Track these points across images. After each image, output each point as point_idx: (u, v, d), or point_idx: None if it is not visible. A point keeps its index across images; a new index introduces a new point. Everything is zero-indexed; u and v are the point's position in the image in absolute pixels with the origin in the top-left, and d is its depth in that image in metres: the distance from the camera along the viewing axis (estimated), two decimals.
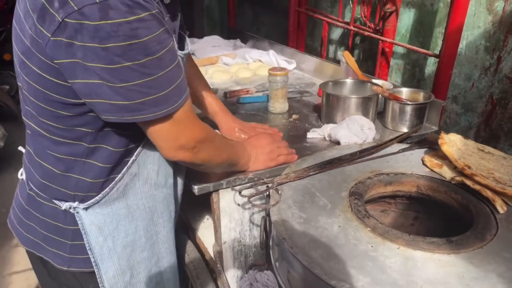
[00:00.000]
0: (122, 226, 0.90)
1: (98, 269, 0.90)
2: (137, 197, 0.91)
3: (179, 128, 0.81)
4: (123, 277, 0.93)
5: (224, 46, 2.47)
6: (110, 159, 0.84)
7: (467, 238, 0.80)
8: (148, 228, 0.95)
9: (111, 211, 0.88)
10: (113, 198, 0.88)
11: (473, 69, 1.61)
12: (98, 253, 0.88)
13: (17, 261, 2.37)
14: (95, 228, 0.87)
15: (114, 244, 0.90)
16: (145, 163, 0.90)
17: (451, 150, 1.01)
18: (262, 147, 1.09)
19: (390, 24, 1.83)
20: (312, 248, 0.78)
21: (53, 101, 0.77)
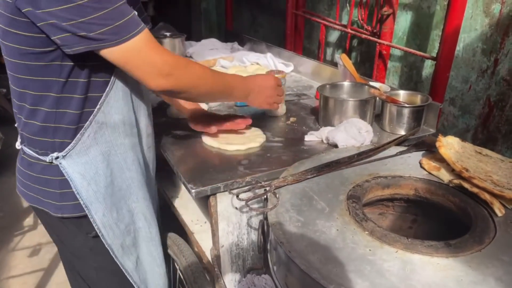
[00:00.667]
0: (100, 171, 1.02)
1: (89, 211, 1.01)
2: (108, 145, 1.03)
3: (147, 54, 0.92)
4: (111, 214, 1.05)
5: (222, 49, 2.47)
6: (76, 106, 0.96)
7: (465, 242, 0.79)
8: (123, 171, 1.07)
9: (88, 159, 1.00)
10: (87, 145, 0.99)
11: (470, 72, 1.61)
12: (85, 196, 1.00)
13: (14, 265, 2.36)
14: (78, 175, 0.99)
15: (97, 187, 1.02)
16: (110, 113, 1.01)
17: (449, 152, 1.01)
18: (265, 88, 1.21)
19: (387, 26, 1.83)
20: (310, 252, 0.77)
21: (25, 54, 0.90)
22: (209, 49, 2.41)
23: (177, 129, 1.40)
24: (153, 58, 0.92)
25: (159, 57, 0.93)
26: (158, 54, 0.93)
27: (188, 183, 1.04)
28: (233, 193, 0.99)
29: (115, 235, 1.07)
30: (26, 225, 2.68)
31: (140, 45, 0.90)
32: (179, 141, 1.32)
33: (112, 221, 1.06)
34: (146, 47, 0.91)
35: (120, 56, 0.89)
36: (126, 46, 0.88)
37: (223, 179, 1.06)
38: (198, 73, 1.03)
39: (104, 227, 1.05)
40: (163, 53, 0.94)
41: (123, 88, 1.03)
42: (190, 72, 1.00)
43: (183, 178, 1.08)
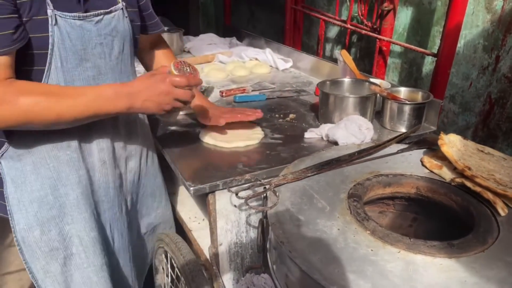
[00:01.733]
0: (28, 182, 0.97)
1: (11, 218, 0.98)
2: (41, 155, 0.97)
3: None
4: (32, 232, 0.98)
5: (220, 44, 2.44)
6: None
7: (468, 242, 0.78)
8: (56, 187, 1.00)
9: (20, 165, 0.96)
10: (20, 152, 0.96)
11: (471, 69, 1.60)
12: (11, 202, 0.97)
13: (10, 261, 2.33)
14: (9, 179, 0.96)
15: (22, 197, 0.97)
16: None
17: (451, 151, 1.00)
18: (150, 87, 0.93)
19: (387, 22, 1.81)
20: (311, 252, 0.76)
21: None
22: (207, 44, 2.38)
23: (175, 126, 1.38)
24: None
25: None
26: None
27: (186, 181, 1.03)
28: (232, 191, 0.97)
29: (34, 255, 0.99)
30: None
31: None
32: (177, 138, 1.30)
33: (32, 239, 0.98)
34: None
35: None
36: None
37: (222, 176, 1.05)
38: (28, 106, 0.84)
39: (23, 242, 0.98)
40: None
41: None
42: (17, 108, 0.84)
43: (181, 175, 1.06)
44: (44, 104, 0.86)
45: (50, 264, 1.02)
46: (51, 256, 1.02)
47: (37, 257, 1.00)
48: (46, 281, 1.02)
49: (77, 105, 0.89)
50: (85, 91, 0.92)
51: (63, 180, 1.00)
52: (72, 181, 1.01)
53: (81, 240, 1.04)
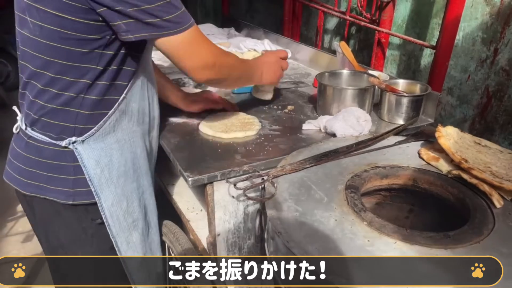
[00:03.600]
0: (115, 159, 1.02)
1: (98, 198, 1.00)
2: (124, 132, 1.04)
3: (198, 45, 0.96)
4: (120, 205, 1.04)
5: (218, 34, 2.43)
6: (103, 93, 0.97)
7: (464, 233, 0.79)
8: (134, 161, 1.07)
9: (104, 146, 1.00)
10: (106, 132, 1.00)
11: (469, 61, 1.60)
12: (97, 183, 0.99)
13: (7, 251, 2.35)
14: (92, 162, 0.98)
15: (110, 175, 1.01)
16: (130, 102, 1.03)
17: (448, 143, 1.00)
18: (271, 63, 1.27)
19: (386, 14, 1.80)
20: (308, 243, 0.77)
21: (68, 38, 0.89)
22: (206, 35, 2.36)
23: (173, 116, 1.38)
24: (202, 50, 0.97)
25: (207, 48, 0.98)
26: (206, 46, 0.98)
27: (184, 171, 1.03)
28: (230, 182, 0.98)
29: (121, 228, 1.06)
30: (19, 211, 2.65)
31: (194, 35, 0.94)
32: (175, 128, 1.30)
33: (120, 212, 1.05)
34: (199, 38, 0.96)
35: (175, 45, 0.93)
36: (183, 35, 0.92)
37: (220, 167, 1.05)
38: (233, 62, 1.11)
39: (111, 216, 1.03)
40: (209, 45, 0.99)
41: (141, 77, 1.04)
42: (228, 62, 1.08)
43: (179, 166, 1.06)
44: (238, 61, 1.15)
45: (132, 234, 1.09)
46: (134, 226, 1.09)
47: (122, 229, 1.06)
48: (128, 252, 1.09)
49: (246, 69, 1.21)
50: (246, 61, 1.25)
51: (139, 153, 1.09)
52: (144, 153, 1.11)
53: (148, 207, 1.15)
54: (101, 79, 0.95)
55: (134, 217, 1.09)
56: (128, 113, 1.03)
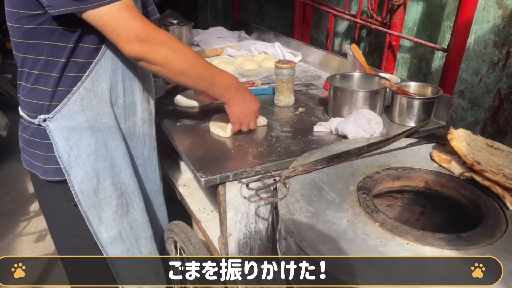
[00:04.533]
0: (84, 137, 1.05)
1: (68, 175, 1.04)
2: (94, 112, 1.05)
3: (125, 17, 0.92)
4: (90, 182, 1.07)
5: (229, 37, 2.45)
6: (63, 70, 0.99)
7: (476, 235, 0.79)
8: (107, 140, 1.09)
9: (73, 124, 1.03)
10: (74, 110, 1.02)
11: (481, 64, 1.60)
12: (66, 160, 1.03)
13: (20, 250, 2.38)
14: (61, 139, 1.02)
15: (79, 152, 1.04)
16: (98, 81, 1.03)
17: (460, 145, 1.00)
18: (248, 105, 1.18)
19: (397, 17, 1.81)
20: (320, 243, 0.77)
21: (19, 17, 0.95)
22: (216, 38, 2.39)
23: (185, 118, 1.40)
24: (130, 22, 0.93)
25: (138, 22, 0.94)
26: (138, 20, 0.94)
27: (197, 172, 1.04)
28: (243, 183, 0.99)
29: (92, 203, 1.08)
30: (32, 211, 2.69)
31: (119, 9, 0.91)
32: (187, 130, 1.32)
33: (91, 189, 1.07)
34: (126, 11, 0.92)
35: (98, 18, 0.91)
36: (105, 9, 0.90)
37: (232, 168, 1.06)
38: (178, 49, 1.01)
39: (81, 193, 1.06)
40: (143, 21, 0.95)
41: (112, 57, 1.04)
42: (169, 45, 0.99)
43: (192, 166, 1.08)
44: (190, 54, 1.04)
45: (104, 210, 1.11)
46: (105, 203, 1.11)
47: (93, 205, 1.08)
48: (100, 227, 1.11)
49: (203, 68, 1.07)
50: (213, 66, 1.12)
51: (113, 134, 1.10)
52: (120, 134, 1.12)
53: (127, 187, 1.15)
54: (57, 55, 0.98)
55: (106, 194, 1.10)
56: (97, 92, 1.04)
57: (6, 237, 2.46)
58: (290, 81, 1.44)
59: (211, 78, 1.09)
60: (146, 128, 1.22)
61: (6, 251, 2.36)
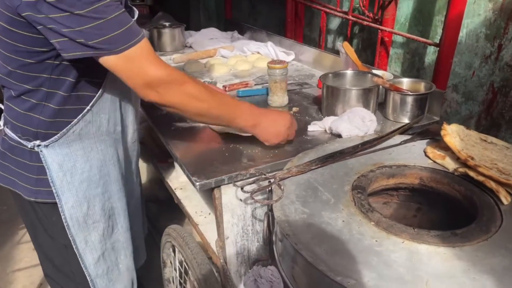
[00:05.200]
0: (78, 164, 1.06)
1: (59, 200, 1.05)
2: (91, 141, 1.07)
3: (139, 65, 0.91)
4: (80, 208, 1.08)
5: (222, 38, 2.44)
6: (63, 103, 0.99)
7: (471, 231, 0.79)
8: (101, 168, 1.11)
9: (69, 151, 1.04)
10: (71, 139, 1.03)
11: (473, 58, 1.60)
12: (59, 185, 1.04)
13: (20, 258, 2.37)
14: (56, 165, 1.03)
15: (72, 179, 1.06)
16: (98, 113, 1.05)
17: (453, 141, 1.00)
18: (277, 124, 1.13)
19: (389, 13, 1.80)
20: (316, 244, 0.77)
21: (20, 51, 0.93)
22: (209, 39, 2.38)
23: (179, 121, 1.39)
24: (145, 70, 0.92)
25: (152, 68, 0.93)
26: (152, 66, 0.93)
27: (192, 176, 1.04)
28: (237, 186, 0.99)
29: (80, 228, 1.10)
30: None
31: (136, 55, 0.90)
32: (182, 133, 1.31)
33: (80, 214, 1.09)
34: (142, 58, 0.92)
35: (114, 64, 0.90)
36: (121, 56, 0.89)
37: (227, 171, 1.06)
38: (193, 92, 0.99)
39: (71, 218, 1.08)
40: (157, 66, 0.93)
41: (112, 88, 1.06)
42: (183, 90, 0.97)
43: (187, 170, 1.07)
44: (206, 94, 1.01)
45: (91, 234, 1.12)
46: (93, 227, 1.12)
47: (81, 229, 1.10)
48: (86, 250, 1.13)
49: (221, 107, 1.05)
50: (230, 100, 1.10)
51: (107, 160, 1.12)
52: (114, 160, 1.14)
53: (115, 210, 1.17)
54: (58, 88, 0.98)
55: (95, 219, 1.12)
56: (96, 123, 1.06)
57: (5, 246, 2.46)
58: (283, 81, 1.44)
59: (229, 114, 1.07)
60: (135, 146, 1.26)
61: (5, 260, 2.35)
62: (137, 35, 0.90)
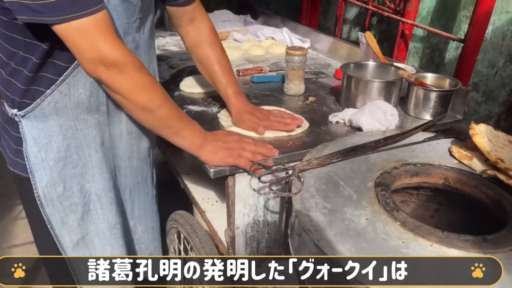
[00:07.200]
0: (54, 142, 0.98)
1: (32, 176, 0.99)
2: (69, 118, 0.98)
3: (91, 38, 0.84)
4: (55, 188, 1.01)
5: (235, 21, 2.37)
6: (35, 69, 0.92)
7: (503, 237, 0.75)
8: (81, 148, 1.02)
9: (45, 126, 0.97)
10: (46, 113, 0.96)
11: (498, 56, 1.54)
12: (33, 161, 0.98)
13: (16, 234, 2.34)
14: (31, 139, 0.97)
15: (46, 156, 0.99)
16: (76, 86, 0.95)
17: (482, 141, 0.96)
18: (226, 142, 1.03)
19: (412, 5, 1.74)
20: (339, 242, 0.73)
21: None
22: (222, 21, 2.31)
23: (191, 104, 1.34)
24: (99, 44, 0.85)
25: (105, 45, 0.85)
26: (105, 43, 0.85)
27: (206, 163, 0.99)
28: (255, 175, 0.94)
29: (55, 209, 1.03)
30: None
31: (89, 27, 0.83)
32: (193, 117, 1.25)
33: (55, 194, 1.02)
34: (96, 31, 0.84)
35: (64, 33, 0.83)
36: (72, 24, 0.81)
37: None
38: (145, 83, 0.92)
39: (44, 197, 1.01)
40: (113, 43, 0.86)
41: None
42: (136, 77, 0.91)
43: None
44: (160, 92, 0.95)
45: (69, 216, 1.05)
46: (71, 209, 1.05)
47: (57, 210, 1.03)
48: (62, 231, 1.06)
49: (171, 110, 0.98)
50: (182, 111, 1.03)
51: (89, 142, 1.02)
52: (97, 143, 1.04)
53: (99, 198, 1.08)
54: (32, 54, 0.91)
55: (72, 201, 1.05)
56: (74, 97, 0.96)
57: (1, 221, 2.42)
58: (301, 69, 1.39)
59: (177, 122, 0.99)
60: (133, 139, 1.12)
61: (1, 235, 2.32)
62: (91, 7, 0.83)
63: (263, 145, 1.05)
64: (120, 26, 0.96)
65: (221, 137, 1.04)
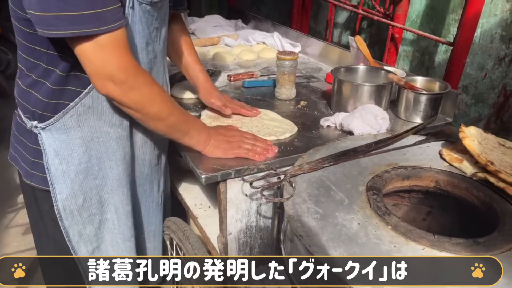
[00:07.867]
0: (76, 154, 0.98)
1: (53, 189, 0.98)
2: (91, 130, 0.98)
3: (104, 54, 0.84)
4: (75, 200, 1.01)
5: (226, 26, 2.38)
6: (59, 82, 0.92)
7: (494, 240, 0.75)
8: (102, 160, 1.02)
9: (67, 138, 0.96)
10: (69, 125, 0.95)
11: (486, 59, 1.56)
12: (54, 173, 0.97)
13: (7, 242, 2.31)
14: (52, 151, 0.96)
15: (68, 169, 0.98)
16: (99, 99, 0.95)
17: (472, 144, 0.96)
18: (227, 136, 1.07)
19: (401, 8, 1.76)
20: (331, 247, 0.73)
21: (19, 18, 0.88)
22: (213, 26, 2.31)
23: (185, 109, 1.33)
24: (108, 61, 0.85)
25: (116, 61, 0.86)
26: (117, 58, 0.86)
27: (197, 169, 0.99)
28: (247, 181, 0.94)
29: (74, 221, 1.03)
30: (19, 202, 2.61)
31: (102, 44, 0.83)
32: None
33: (75, 207, 1.02)
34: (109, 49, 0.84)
35: (75, 47, 0.84)
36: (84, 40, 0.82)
37: (234, 164, 1.01)
38: (155, 96, 0.94)
39: (64, 210, 1.00)
40: (123, 58, 0.87)
41: None
42: (146, 91, 0.92)
43: (191, 163, 1.02)
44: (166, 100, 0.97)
45: (86, 227, 1.05)
46: (89, 220, 1.05)
47: (76, 222, 1.03)
48: (80, 243, 1.06)
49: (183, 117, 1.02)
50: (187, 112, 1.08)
51: (110, 155, 1.02)
52: (118, 156, 1.04)
53: (116, 209, 1.08)
54: (56, 66, 0.91)
55: (91, 212, 1.05)
56: (97, 110, 0.97)
57: None
58: (292, 73, 1.39)
59: (185, 125, 1.02)
60: (147, 148, 1.14)
61: None
62: (112, 22, 0.82)
63: (263, 140, 1.09)
64: (143, 37, 0.97)
65: (223, 132, 1.08)
